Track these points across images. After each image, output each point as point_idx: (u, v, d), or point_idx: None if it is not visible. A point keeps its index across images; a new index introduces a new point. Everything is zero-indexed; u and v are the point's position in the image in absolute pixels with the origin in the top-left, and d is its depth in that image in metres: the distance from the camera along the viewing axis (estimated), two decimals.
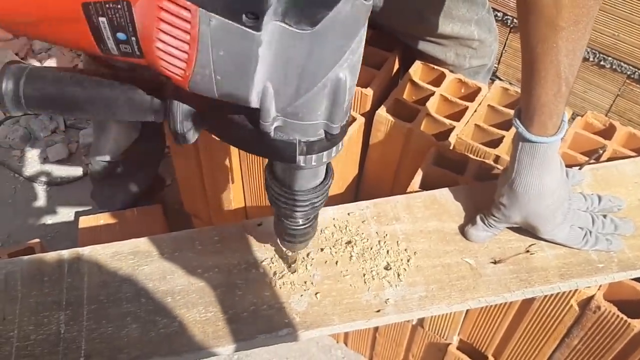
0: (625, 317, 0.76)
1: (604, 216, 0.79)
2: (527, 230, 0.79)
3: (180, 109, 0.55)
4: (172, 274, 0.78)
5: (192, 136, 0.57)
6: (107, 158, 1.24)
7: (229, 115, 0.53)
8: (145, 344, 0.72)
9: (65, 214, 1.60)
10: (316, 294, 0.76)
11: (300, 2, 0.43)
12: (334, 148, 0.56)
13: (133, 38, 0.45)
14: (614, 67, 1.43)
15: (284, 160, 0.56)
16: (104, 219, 1.27)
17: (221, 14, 0.42)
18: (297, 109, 0.50)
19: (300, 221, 0.68)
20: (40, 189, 1.65)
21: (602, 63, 1.45)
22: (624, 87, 1.44)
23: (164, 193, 1.50)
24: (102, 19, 0.44)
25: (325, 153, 0.56)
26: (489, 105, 1.02)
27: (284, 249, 0.75)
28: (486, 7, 1.05)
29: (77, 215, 1.57)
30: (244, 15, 0.42)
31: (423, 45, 1.07)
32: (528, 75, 0.67)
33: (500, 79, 1.66)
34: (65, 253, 0.80)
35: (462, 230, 0.81)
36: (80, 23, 0.44)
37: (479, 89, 1.05)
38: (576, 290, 0.79)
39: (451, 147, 0.98)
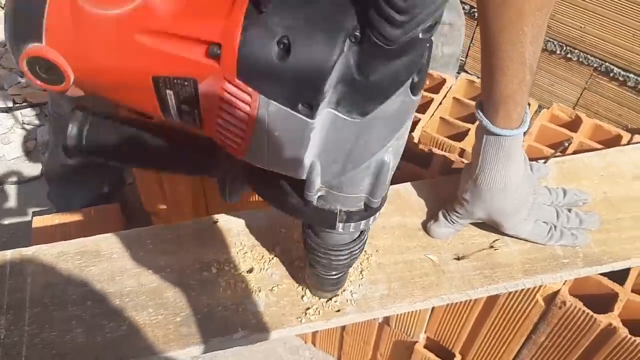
0: (591, 313, 0.75)
1: (569, 210, 0.77)
2: (491, 225, 0.76)
3: (232, 172, 0.60)
4: (122, 274, 0.74)
5: (237, 196, 0.64)
6: (65, 160, 1.19)
7: (275, 182, 0.57)
8: (91, 349, 0.68)
9: (22, 214, 1.54)
10: (273, 293, 0.73)
11: (352, 93, 0.44)
12: (372, 217, 0.59)
13: (195, 111, 0.49)
14: (580, 60, 1.43)
15: (324, 226, 0.59)
16: (59, 218, 1.22)
17: (279, 101, 0.45)
18: (340, 183, 0.54)
19: (334, 273, 0.67)
20: None
21: (568, 56, 1.44)
22: (591, 79, 1.43)
23: (125, 191, 1.45)
24: (169, 92, 0.48)
25: (363, 222, 0.58)
26: (454, 98, 1.00)
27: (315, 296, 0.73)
28: None
29: (35, 215, 1.51)
30: (300, 104, 0.44)
31: None
32: (490, 66, 0.64)
33: (468, 74, 1.64)
34: (8, 253, 0.76)
35: (425, 227, 0.79)
36: (149, 92, 0.48)
37: (444, 81, 1.03)
38: (541, 285, 0.77)
39: (416, 141, 0.95)
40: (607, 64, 1.40)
